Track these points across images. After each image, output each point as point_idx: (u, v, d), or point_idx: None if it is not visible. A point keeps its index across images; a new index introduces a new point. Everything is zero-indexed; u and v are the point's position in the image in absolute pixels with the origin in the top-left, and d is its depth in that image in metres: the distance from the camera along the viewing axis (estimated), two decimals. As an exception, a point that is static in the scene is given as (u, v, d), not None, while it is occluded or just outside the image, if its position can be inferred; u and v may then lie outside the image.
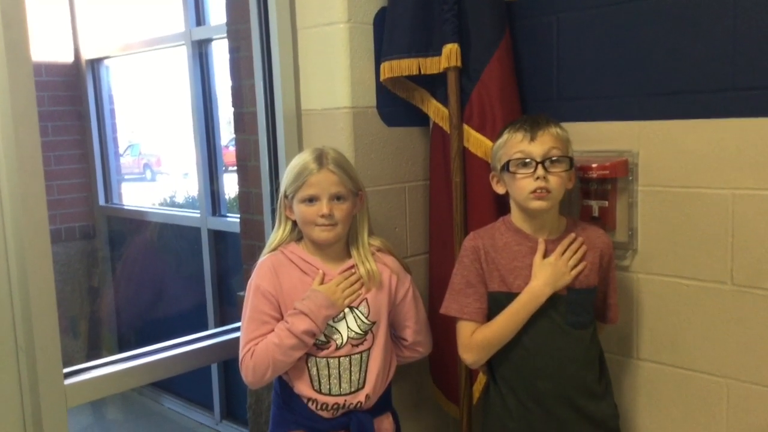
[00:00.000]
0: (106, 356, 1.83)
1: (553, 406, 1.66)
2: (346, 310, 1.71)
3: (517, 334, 1.66)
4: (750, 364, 1.72)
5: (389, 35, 1.98)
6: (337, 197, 1.69)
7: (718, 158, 1.71)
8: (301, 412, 1.73)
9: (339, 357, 1.71)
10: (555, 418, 1.66)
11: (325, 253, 1.75)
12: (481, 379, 1.96)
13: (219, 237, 3.74)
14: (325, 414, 1.72)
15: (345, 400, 1.71)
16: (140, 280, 4.37)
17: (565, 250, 1.66)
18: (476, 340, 1.69)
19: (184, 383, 3.99)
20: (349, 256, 1.76)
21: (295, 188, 1.70)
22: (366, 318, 1.73)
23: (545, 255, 1.66)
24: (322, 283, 1.70)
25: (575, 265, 1.65)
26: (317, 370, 1.70)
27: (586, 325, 1.68)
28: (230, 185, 3.71)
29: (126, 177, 5.01)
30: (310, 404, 1.71)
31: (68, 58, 4.51)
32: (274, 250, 1.77)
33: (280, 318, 1.69)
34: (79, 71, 4.54)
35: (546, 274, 1.63)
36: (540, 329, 1.65)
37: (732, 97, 1.68)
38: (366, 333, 1.73)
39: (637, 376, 1.93)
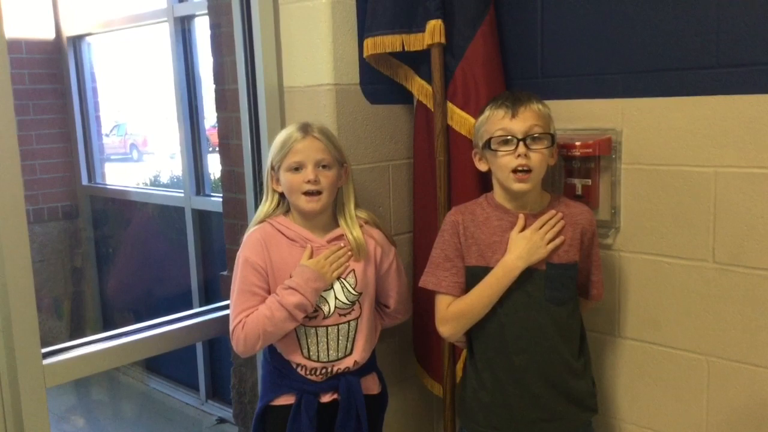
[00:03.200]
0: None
1: (529, 381, 1.66)
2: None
3: (494, 309, 1.66)
4: (731, 341, 1.73)
5: (372, 11, 1.95)
6: (323, 165, 1.71)
7: (701, 136, 1.71)
8: (290, 376, 1.77)
9: (327, 326, 1.74)
10: (530, 394, 1.67)
11: (312, 223, 1.77)
12: (465, 358, 1.96)
13: (203, 217, 3.72)
14: (314, 378, 1.76)
15: (333, 366, 1.76)
16: (124, 260, 4.34)
17: (543, 225, 1.66)
18: (450, 312, 1.70)
19: (170, 364, 3.99)
20: (337, 225, 1.79)
21: (281, 157, 1.72)
22: (353, 289, 1.76)
23: (523, 229, 1.66)
24: (311, 257, 1.72)
25: (552, 240, 1.65)
26: (306, 338, 1.74)
27: (565, 301, 1.68)
28: (215, 165, 3.68)
29: (112, 157, 4.96)
30: (299, 369, 1.76)
31: (49, 35, 4.43)
32: (261, 222, 1.78)
33: (269, 289, 1.72)
34: (61, 48, 4.46)
35: (520, 248, 1.63)
36: (516, 303, 1.65)
37: (716, 74, 1.67)
38: (353, 303, 1.76)
39: (618, 353, 1.94)
